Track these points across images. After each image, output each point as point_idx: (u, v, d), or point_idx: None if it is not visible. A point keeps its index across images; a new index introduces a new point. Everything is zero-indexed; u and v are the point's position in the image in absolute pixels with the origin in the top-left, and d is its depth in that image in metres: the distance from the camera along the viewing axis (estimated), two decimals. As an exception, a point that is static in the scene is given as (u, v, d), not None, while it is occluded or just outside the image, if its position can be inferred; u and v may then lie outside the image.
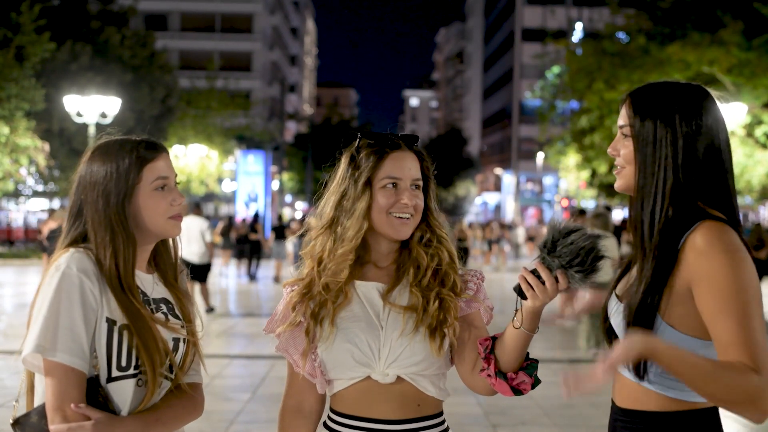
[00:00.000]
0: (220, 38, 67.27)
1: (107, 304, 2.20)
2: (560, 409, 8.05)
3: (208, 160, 41.12)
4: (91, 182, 2.26)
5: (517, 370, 2.25)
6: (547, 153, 39.34)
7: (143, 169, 2.26)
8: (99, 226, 2.24)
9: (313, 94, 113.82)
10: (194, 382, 2.39)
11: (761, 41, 20.85)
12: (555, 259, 2.09)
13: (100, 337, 2.19)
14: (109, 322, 2.20)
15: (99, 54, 33.00)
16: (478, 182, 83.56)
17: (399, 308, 2.29)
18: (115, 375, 2.21)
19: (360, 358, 2.27)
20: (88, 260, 2.21)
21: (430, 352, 2.27)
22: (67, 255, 2.21)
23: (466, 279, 2.39)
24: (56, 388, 2.14)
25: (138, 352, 2.21)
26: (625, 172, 2.22)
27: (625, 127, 2.22)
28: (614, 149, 2.25)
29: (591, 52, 24.26)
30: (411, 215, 2.32)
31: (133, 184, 2.25)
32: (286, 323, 2.38)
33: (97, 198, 2.25)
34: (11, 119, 25.93)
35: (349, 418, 2.31)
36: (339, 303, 2.32)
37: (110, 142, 2.31)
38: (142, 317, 2.22)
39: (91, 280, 2.19)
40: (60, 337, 2.14)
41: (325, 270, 2.34)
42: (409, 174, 2.33)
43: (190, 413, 2.36)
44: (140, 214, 2.27)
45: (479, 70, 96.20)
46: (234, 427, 7.28)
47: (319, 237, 2.39)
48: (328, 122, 66.13)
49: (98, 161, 2.27)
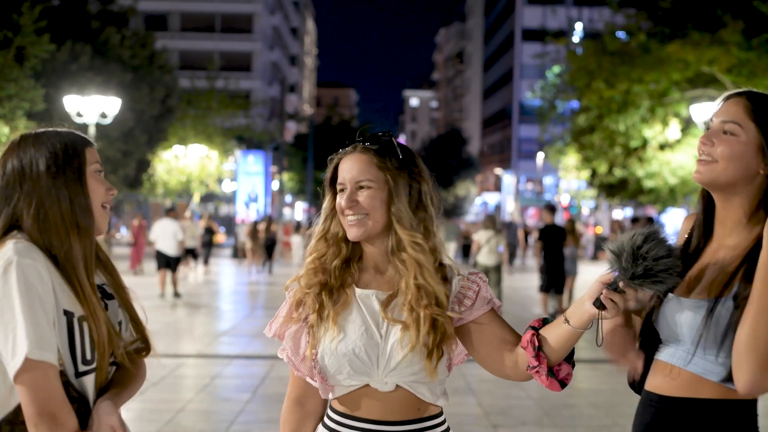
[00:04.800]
0: (220, 38, 67.25)
1: (62, 294, 2.09)
2: (560, 409, 8.05)
3: (208, 160, 41.10)
4: (30, 168, 2.15)
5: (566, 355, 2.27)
6: (547, 153, 39.35)
7: (85, 151, 2.22)
8: (33, 215, 2.13)
9: (313, 94, 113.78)
10: (139, 357, 2.32)
11: (761, 41, 20.83)
12: (632, 271, 2.08)
13: (60, 330, 2.07)
14: (67, 314, 2.09)
15: (99, 54, 32.99)
16: (478, 182, 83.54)
17: (396, 323, 2.28)
18: (81, 370, 2.12)
19: (358, 368, 2.27)
20: (34, 249, 2.09)
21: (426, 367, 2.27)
22: (11, 245, 2.07)
23: (465, 286, 2.35)
24: (39, 390, 2.01)
25: (95, 344, 2.12)
26: (715, 166, 2.23)
27: (731, 123, 2.22)
28: (708, 140, 2.25)
29: (591, 51, 24.24)
30: (362, 216, 2.30)
31: (80, 164, 2.19)
32: (289, 325, 2.38)
33: (43, 183, 2.14)
34: (11, 119, 25.93)
35: (348, 418, 2.31)
36: (338, 308, 2.31)
37: (36, 133, 2.22)
38: (97, 307, 2.14)
39: (43, 269, 2.06)
40: (35, 332, 2.00)
41: (315, 270, 2.37)
42: (350, 176, 2.32)
43: (140, 381, 2.31)
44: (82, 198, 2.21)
45: (479, 70, 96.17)
46: (234, 427, 7.28)
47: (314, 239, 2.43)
48: (328, 122, 66.11)
49: (32, 148, 2.17)
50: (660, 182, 23.57)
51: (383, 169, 2.32)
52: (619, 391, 8.43)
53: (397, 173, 2.32)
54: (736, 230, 2.26)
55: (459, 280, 2.36)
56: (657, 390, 2.27)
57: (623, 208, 43.25)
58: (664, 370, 2.27)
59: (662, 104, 22.40)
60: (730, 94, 2.28)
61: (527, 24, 72.47)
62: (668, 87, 22.06)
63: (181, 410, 7.82)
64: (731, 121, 2.22)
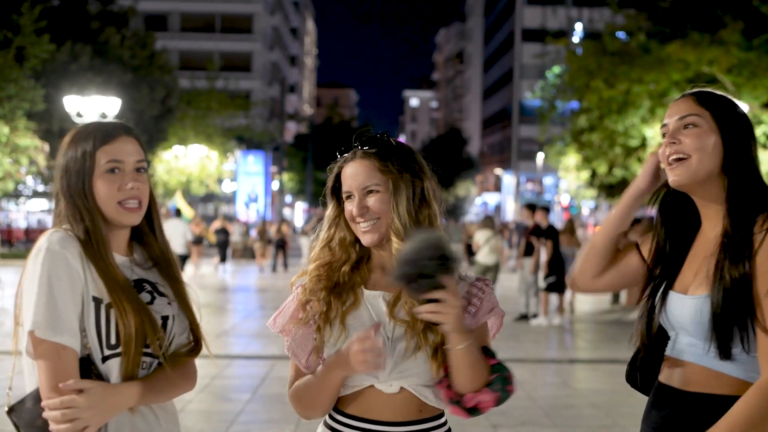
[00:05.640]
0: (220, 38, 67.27)
1: (92, 282, 2.21)
2: (560, 409, 8.05)
3: (208, 160, 41.11)
4: (61, 167, 2.32)
5: (480, 388, 2.24)
6: (547, 153, 39.34)
7: (97, 152, 2.28)
8: (65, 206, 2.29)
9: (313, 95, 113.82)
10: (186, 356, 2.39)
11: (761, 41, 20.82)
12: (420, 281, 2.13)
13: (88, 315, 2.20)
14: (96, 300, 2.21)
15: (99, 54, 32.99)
16: (478, 182, 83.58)
17: (402, 323, 2.29)
18: (107, 354, 2.21)
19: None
20: (69, 239, 2.22)
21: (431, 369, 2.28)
22: (47, 235, 2.23)
23: (471, 292, 2.36)
24: (50, 368, 2.14)
25: (122, 329, 2.21)
26: (690, 162, 2.25)
27: (690, 116, 2.26)
28: (674, 139, 2.27)
29: (591, 51, 24.23)
30: (374, 220, 2.32)
31: (89, 167, 2.27)
32: (297, 321, 2.38)
33: (64, 181, 2.30)
34: (11, 119, 25.93)
35: (350, 419, 2.32)
36: (347, 308, 2.32)
37: (80, 128, 2.35)
38: (128, 294, 2.23)
39: (74, 257, 2.20)
40: (52, 315, 2.14)
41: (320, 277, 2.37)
42: (356, 183, 2.33)
43: (183, 383, 2.37)
44: (96, 198, 2.28)
45: (479, 70, 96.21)
46: (234, 427, 7.28)
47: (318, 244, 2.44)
48: (328, 122, 66.16)
49: (68, 147, 2.32)
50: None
51: (386, 171, 2.33)
52: (619, 391, 8.44)
53: (398, 175, 2.33)
54: (719, 219, 2.28)
55: (464, 286, 2.36)
56: (672, 383, 2.28)
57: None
58: (677, 365, 2.28)
59: (662, 104, 22.37)
60: (677, 98, 2.34)
61: (527, 24, 72.48)
62: (668, 87, 22.04)
63: (181, 410, 7.82)
64: (689, 114, 2.26)
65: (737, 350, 2.17)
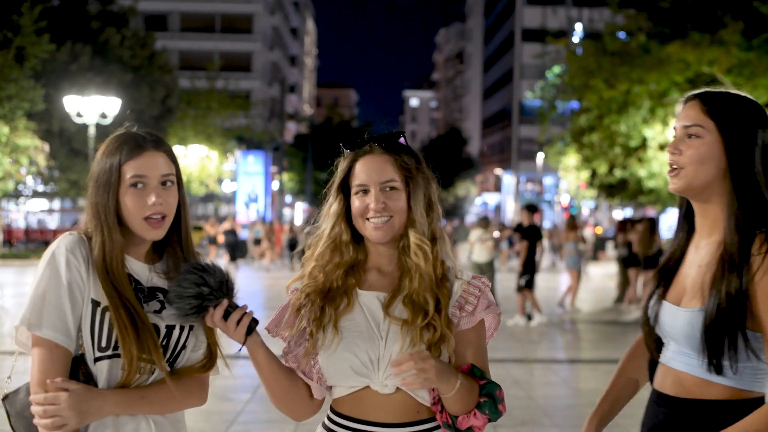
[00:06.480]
0: (220, 38, 67.26)
1: (93, 285, 2.26)
2: (560, 409, 8.06)
3: (208, 160, 41.12)
4: (92, 176, 2.36)
5: (471, 410, 2.24)
6: (547, 153, 39.33)
7: (123, 167, 2.30)
8: (90, 216, 2.34)
9: (313, 95, 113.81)
10: (196, 371, 2.42)
11: (761, 41, 20.83)
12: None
13: (85, 316, 2.25)
14: (93, 303, 2.26)
15: (99, 54, 33.01)
16: (478, 182, 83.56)
17: (398, 321, 2.27)
18: (98, 355, 2.26)
19: (359, 369, 2.26)
20: (80, 242, 2.29)
21: None
22: (60, 238, 2.30)
23: (467, 290, 2.34)
24: (40, 363, 2.20)
25: (116, 335, 2.25)
26: (685, 172, 2.26)
27: (694, 127, 2.25)
28: (675, 148, 2.28)
29: (591, 51, 24.22)
30: (388, 218, 2.29)
31: (115, 180, 2.30)
32: (293, 328, 2.38)
33: (91, 191, 2.35)
34: (11, 119, 25.94)
35: (348, 420, 2.31)
36: (341, 310, 2.31)
37: (112, 139, 2.37)
38: (125, 301, 2.26)
39: (78, 260, 2.26)
40: (45, 312, 2.21)
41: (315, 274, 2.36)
42: (375, 178, 2.30)
43: (185, 398, 2.36)
44: (123, 211, 2.31)
45: (479, 70, 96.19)
46: (234, 427, 7.28)
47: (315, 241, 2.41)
48: (328, 123, 66.08)
49: (100, 155, 2.36)
50: (660, 182, 23.55)
51: (404, 170, 2.32)
52: (619, 391, 8.43)
53: (417, 174, 2.33)
54: (716, 229, 2.28)
55: (461, 285, 2.35)
56: (665, 390, 2.29)
57: (623, 209, 43.23)
58: (671, 373, 2.29)
59: (662, 104, 22.37)
60: (687, 97, 2.32)
61: (527, 24, 72.46)
62: (668, 87, 22.04)
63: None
64: (693, 125, 2.26)
65: (727, 364, 2.18)
